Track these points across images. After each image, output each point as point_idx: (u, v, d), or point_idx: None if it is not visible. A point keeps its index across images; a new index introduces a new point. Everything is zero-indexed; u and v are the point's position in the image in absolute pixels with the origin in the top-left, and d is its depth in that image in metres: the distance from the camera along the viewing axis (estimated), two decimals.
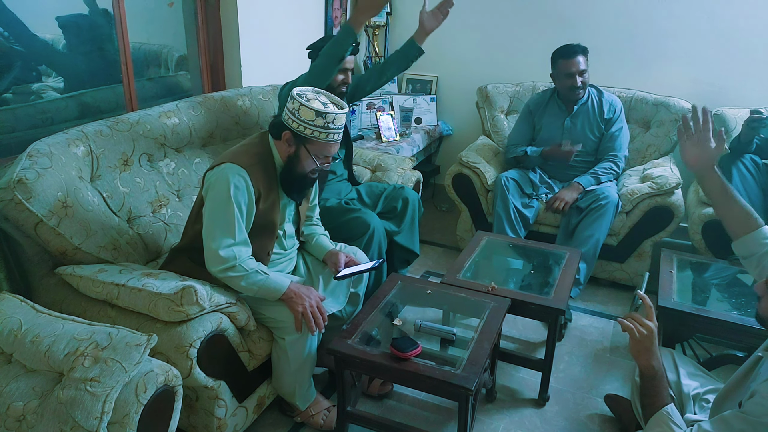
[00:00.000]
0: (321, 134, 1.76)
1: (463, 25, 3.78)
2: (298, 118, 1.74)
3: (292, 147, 1.81)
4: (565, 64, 2.86)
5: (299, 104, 1.73)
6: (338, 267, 1.98)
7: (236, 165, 1.73)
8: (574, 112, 2.97)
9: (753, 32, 3.13)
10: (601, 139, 2.98)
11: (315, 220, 2.17)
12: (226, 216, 1.71)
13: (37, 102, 2.31)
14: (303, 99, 1.73)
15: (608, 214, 2.73)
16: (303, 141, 1.78)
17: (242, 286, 1.75)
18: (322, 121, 1.74)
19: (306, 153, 1.79)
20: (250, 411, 1.90)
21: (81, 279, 1.74)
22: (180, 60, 2.92)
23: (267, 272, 1.78)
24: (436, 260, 3.28)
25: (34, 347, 1.38)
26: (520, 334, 2.59)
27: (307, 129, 1.74)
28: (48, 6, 2.35)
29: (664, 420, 1.46)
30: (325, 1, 3.54)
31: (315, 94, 1.79)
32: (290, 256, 2.05)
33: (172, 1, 2.81)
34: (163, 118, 2.19)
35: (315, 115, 1.73)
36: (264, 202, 1.81)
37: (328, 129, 1.76)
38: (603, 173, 2.91)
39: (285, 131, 1.78)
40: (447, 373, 1.63)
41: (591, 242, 2.72)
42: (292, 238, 2.03)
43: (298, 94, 1.75)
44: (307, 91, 1.78)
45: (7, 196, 1.65)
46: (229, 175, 1.72)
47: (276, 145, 1.85)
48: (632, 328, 1.53)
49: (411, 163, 3.02)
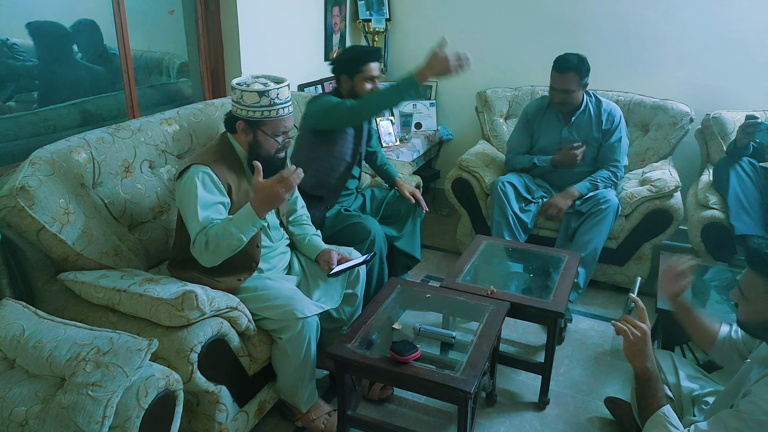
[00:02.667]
0: (270, 112, 1.82)
1: (462, 30, 3.80)
2: (245, 105, 1.81)
3: (249, 134, 1.86)
4: (554, 77, 2.80)
5: (241, 92, 1.80)
6: (331, 264, 2.01)
7: (198, 164, 1.79)
8: (572, 122, 2.91)
9: (750, 35, 3.14)
10: (600, 149, 2.94)
11: (304, 219, 2.19)
12: (193, 208, 1.74)
13: (39, 110, 2.33)
14: (243, 86, 1.81)
15: (608, 219, 2.73)
16: (257, 125, 1.84)
17: (224, 245, 1.69)
18: (267, 100, 1.80)
19: (264, 135, 1.85)
20: (251, 416, 1.90)
21: (83, 285, 1.75)
22: (181, 67, 2.94)
23: (231, 217, 1.74)
24: (436, 264, 3.28)
25: (37, 352, 1.39)
26: (520, 338, 2.60)
27: (256, 112, 1.81)
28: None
29: (661, 421, 1.47)
30: (324, 8, 3.57)
31: (253, 78, 1.85)
32: (281, 250, 2.07)
33: (173, 9, 2.84)
34: (164, 125, 2.21)
35: (258, 96, 1.79)
36: (237, 194, 1.86)
37: (275, 105, 1.82)
38: (601, 181, 2.87)
39: (238, 122, 1.85)
40: (446, 377, 1.63)
41: (590, 247, 2.71)
42: (277, 230, 2.06)
43: (238, 83, 1.83)
44: (244, 79, 1.85)
45: (9, 203, 1.66)
46: (192, 174, 1.77)
47: (235, 139, 1.91)
48: (626, 331, 1.55)
49: (411, 167, 3.04)
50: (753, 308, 1.42)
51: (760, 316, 1.41)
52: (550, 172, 3.02)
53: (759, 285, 1.39)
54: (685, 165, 3.25)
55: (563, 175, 2.98)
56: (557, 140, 2.95)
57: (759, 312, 1.41)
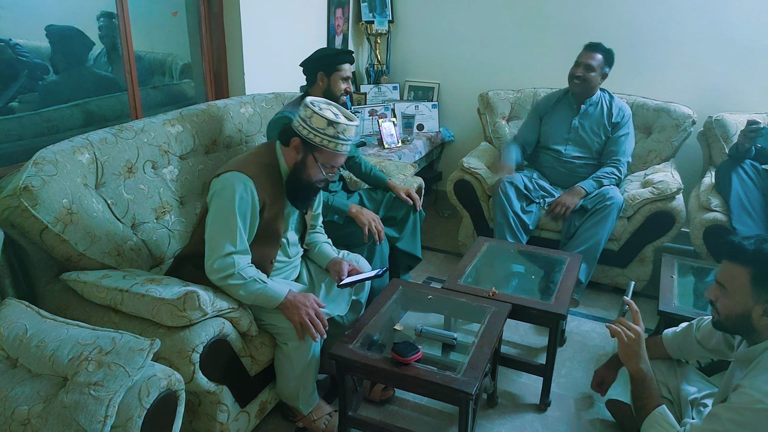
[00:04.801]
0: (330, 143, 1.77)
1: (464, 32, 3.81)
2: (309, 126, 1.76)
3: (299, 154, 1.82)
4: (582, 53, 2.92)
5: (312, 112, 1.75)
6: (341, 275, 1.99)
7: (243, 174, 1.75)
8: (582, 111, 3.00)
9: (754, 38, 3.14)
10: (607, 142, 2.99)
11: (318, 228, 2.18)
12: (229, 224, 1.73)
13: (42, 110, 2.34)
14: (316, 107, 1.76)
15: (612, 216, 2.75)
16: (312, 149, 1.80)
17: (241, 295, 1.76)
18: (333, 131, 1.76)
19: (313, 161, 1.81)
20: (252, 416, 1.91)
21: (85, 285, 1.76)
22: (184, 68, 2.95)
23: (265, 281, 1.79)
24: (438, 266, 3.28)
25: (39, 352, 1.40)
26: (521, 339, 2.60)
27: (317, 137, 1.76)
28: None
29: (658, 420, 1.48)
30: (327, 10, 3.58)
31: (327, 104, 1.82)
32: (294, 264, 2.06)
33: (176, 10, 2.85)
34: (167, 125, 2.22)
35: (326, 124, 1.75)
36: (269, 211, 1.83)
37: (338, 139, 1.77)
38: (605, 177, 2.91)
39: (294, 138, 1.80)
40: (448, 378, 1.63)
41: (593, 242, 2.73)
42: (295, 246, 2.04)
43: (312, 102, 1.78)
44: (320, 102, 1.80)
45: (13, 203, 1.67)
46: (234, 183, 1.73)
47: (283, 152, 1.87)
48: (620, 333, 1.58)
49: (413, 169, 3.04)
50: (733, 300, 1.45)
51: (740, 306, 1.44)
52: (551, 171, 3.03)
53: (741, 275, 1.42)
54: (688, 167, 3.25)
55: (565, 174, 3.00)
56: (566, 129, 3.02)
57: (739, 302, 1.44)
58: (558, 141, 3.04)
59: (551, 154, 3.07)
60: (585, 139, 3.00)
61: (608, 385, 2.00)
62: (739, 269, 1.42)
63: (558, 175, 3.07)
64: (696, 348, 1.75)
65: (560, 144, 3.04)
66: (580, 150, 3.02)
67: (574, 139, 3.02)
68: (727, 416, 1.34)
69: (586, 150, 3.01)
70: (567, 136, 3.02)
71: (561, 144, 3.04)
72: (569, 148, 3.03)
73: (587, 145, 3.01)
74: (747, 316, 1.42)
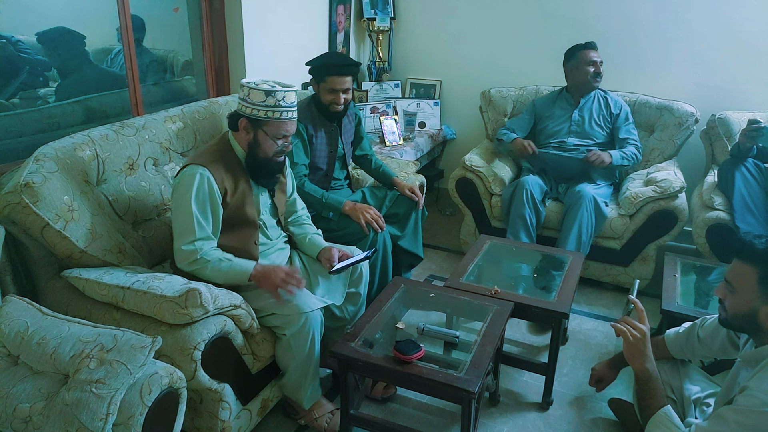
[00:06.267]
0: (274, 113, 1.83)
1: (466, 29, 3.80)
2: (250, 103, 1.82)
3: (250, 133, 1.87)
4: (587, 54, 3.02)
5: (248, 89, 1.81)
6: (332, 262, 2.02)
7: (197, 165, 1.80)
8: (581, 105, 3.10)
9: (757, 36, 3.12)
10: (615, 133, 3.08)
11: (305, 218, 2.20)
12: (185, 214, 1.78)
13: (43, 107, 2.33)
14: (251, 84, 1.82)
15: (583, 210, 2.75)
16: (259, 124, 1.85)
17: (210, 275, 1.80)
18: (273, 100, 1.81)
19: (264, 135, 1.86)
20: (253, 413, 1.90)
21: (86, 282, 1.75)
22: (185, 65, 2.94)
23: (231, 259, 1.83)
24: (440, 264, 3.28)
25: (41, 349, 1.39)
26: (523, 338, 2.59)
27: (260, 111, 1.82)
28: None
29: (663, 421, 1.47)
30: (329, 6, 3.56)
31: (262, 81, 1.86)
32: (279, 246, 2.08)
33: (177, 7, 2.84)
34: (168, 122, 2.21)
35: (265, 95, 1.80)
36: (233, 196, 1.87)
37: (280, 107, 1.83)
38: (629, 154, 2.99)
39: (241, 119, 1.86)
40: (450, 376, 1.63)
41: (571, 239, 2.74)
42: (274, 228, 2.07)
43: (246, 81, 1.84)
44: (254, 80, 1.86)
45: (14, 200, 1.66)
46: (189, 175, 1.79)
47: (236, 138, 1.92)
48: (625, 332, 1.57)
49: (415, 167, 3.03)
50: (741, 298, 1.44)
51: (748, 305, 1.43)
52: (555, 165, 3.06)
53: (749, 274, 1.41)
54: (690, 166, 3.24)
55: (569, 161, 3.02)
56: (567, 123, 3.12)
57: (746, 301, 1.43)
58: (560, 134, 3.11)
59: (554, 145, 3.11)
60: (587, 130, 3.08)
61: (607, 383, 2.00)
62: (748, 268, 1.41)
63: (563, 165, 3.05)
64: (699, 348, 1.74)
65: (563, 136, 3.11)
66: (582, 140, 3.08)
67: (576, 131, 3.09)
68: (733, 418, 1.33)
69: (589, 140, 3.08)
70: (569, 128, 3.10)
71: (563, 136, 3.11)
72: (572, 138, 3.09)
73: (589, 136, 3.08)
74: (754, 316, 1.41)
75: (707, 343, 1.71)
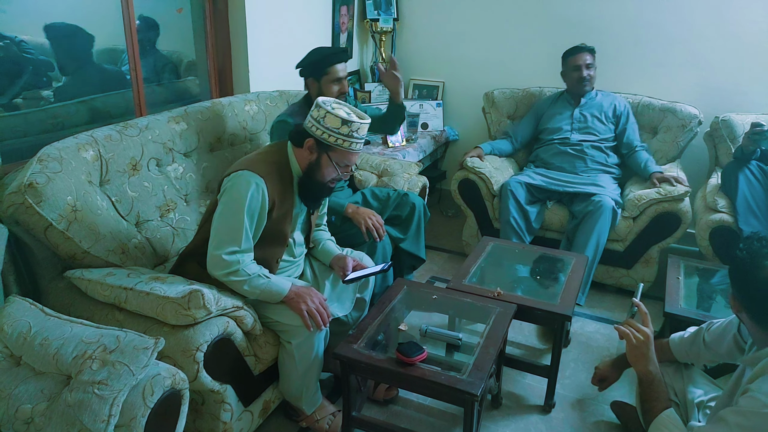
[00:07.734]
0: (345, 142, 1.78)
1: (469, 30, 3.80)
2: (323, 126, 1.77)
3: (314, 154, 1.82)
4: (573, 59, 3.07)
5: (325, 112, 1.76)
6: (346, 271, 1.99)
7: (254, 173, 1.75)
8: (582, 103, 3.15)
9: (761, 38, 3.11)
10: (621, 133, 3.11)
11: (322, 226, 2.18)
12: (236, 223, 1.73)
13: (47, 107, 2.33)
14: (328, 107, 1.76)
15: (603, 219, 2.74)
16: (326, 149, 1.80)
17: (245, 290, 1.77)
18: (347, 129, 1.76)
19: (328, 161, 1.82)
20: (255, 415, 1.90)
21: (89, 282, 1.75)
22: (189, 65, 2.94)
23: (268, 276, 1.80)
24: (442, 265, 3.27)
25: (43, 350, 1.39)
26: (526, 340, 2.59)
27: (331, 137, 1.77)
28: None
29: (665, 423, 1.47)
30: (332, 7, 3.56)
31: (338, 104, 1.82)
32: (297, 263, 2.06)
33: (181, 8, 2.84)
34: (172, 123, 2.21)
35: (340, 123, 1.75)
36: (277, 211, 1.83)
37: (352, 138, 1.78)
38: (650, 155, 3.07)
39: (308, 138, 1.81)
40: (452, 379, 1.63)
41: (589, 247, 2.72)
42: (300, 246, 2.04)
43: (323, 102, 1.78)
44: (331, 101, 1.81)
45: (17, 200, 1.66)
46: (245, 182, 1.74)
47: (295, 153, 1.87)
48: (629, 334, 1.57)
49: (417, 168, 3.03)
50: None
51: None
52: (559, 159, 3.08)
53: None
54: (694, 168, 3.23)
55: (573, 156, 3.06)
56: (568, 122, 3.17)
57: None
58: (563, 131, 3.15)
59: (557, 140, 3.14)
60: (589, 126, 3.12)
61: (610, 383, 1.99)
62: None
63: (566, 159, 3.09)
64: (705, 352, 1.73)
65: (565, 132, 3.14)
66: (585, 135, 3.11)
67: (578, 128, 3.13)
68: (735, 420, 1.33)
69: (591, 135, 3.11)
70: (571, 126, 3.14)
71: (566, 132, 3.14)
72: (575, 134, 3.12)
73: (592, 131, 3.11)
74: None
75: (713, 348, 1.71)
